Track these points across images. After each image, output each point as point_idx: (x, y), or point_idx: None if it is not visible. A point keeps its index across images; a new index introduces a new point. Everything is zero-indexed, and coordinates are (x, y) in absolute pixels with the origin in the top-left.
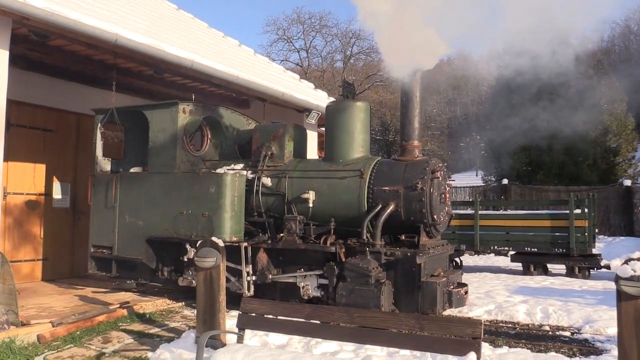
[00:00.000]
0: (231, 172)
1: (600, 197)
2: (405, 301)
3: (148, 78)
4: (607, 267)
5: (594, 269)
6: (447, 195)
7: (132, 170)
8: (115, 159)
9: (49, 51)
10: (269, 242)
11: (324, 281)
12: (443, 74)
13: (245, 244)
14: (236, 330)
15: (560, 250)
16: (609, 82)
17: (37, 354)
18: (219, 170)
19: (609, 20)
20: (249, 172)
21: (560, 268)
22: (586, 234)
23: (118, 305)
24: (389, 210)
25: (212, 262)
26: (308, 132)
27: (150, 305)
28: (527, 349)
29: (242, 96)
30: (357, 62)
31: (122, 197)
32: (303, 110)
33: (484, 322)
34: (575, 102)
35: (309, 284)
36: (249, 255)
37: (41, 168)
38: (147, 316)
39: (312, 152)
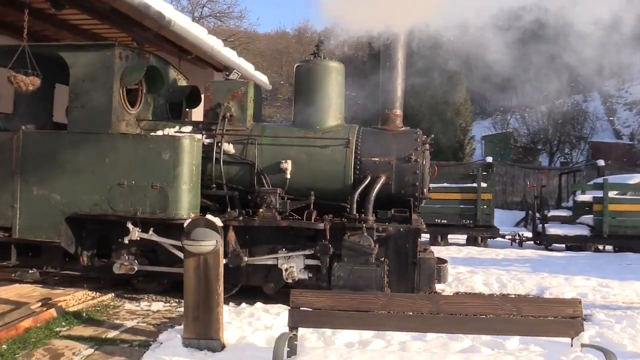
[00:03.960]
0: (188, 135)
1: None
2: (397, 279)
3: (32, 11)
4: (502, 236)
5: (492, 238)
6: (436, 168)
7: (24, 128)
8: (4, 113)
9: None
10: (240, 218)
11: (313, 262)
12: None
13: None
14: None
15: (468, 221)
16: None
17: None
18: (158, 132)
19: None
20: (204, 136)
21: (457, 238)
22: (489, 206)
23: (39, 304)
24: (380, 183)
25: (211, 246)
26: None
27: (73, 300)
28: None
29: (148, 45)
30: (206, 25)
31: (28, 162)
32: (223, 68)
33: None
34: (433, 82)
35: (293, 266)
36: None
37: None
38: (84, 315)
39: None
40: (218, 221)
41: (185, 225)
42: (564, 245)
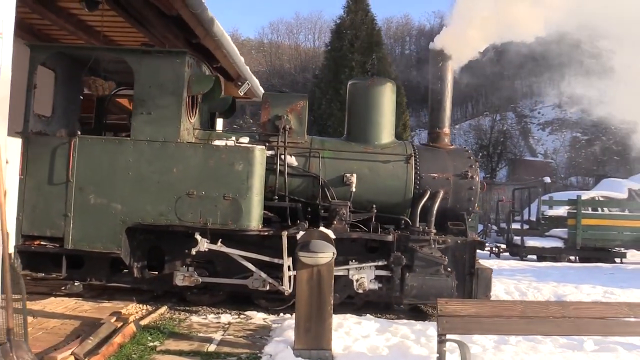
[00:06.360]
0: (257, 146)
1: None
2: (456, 288)
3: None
4: (482, 248)
5: None
6: (485, 184)
7: (58, 132)
8: (44, 116)
9: None
10: None
11: (382, 272)
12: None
13: (287, 233)
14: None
15: None
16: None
17: None
18: (217, 142)
19: None
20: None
21: None
22: (474, 219)
23: (115, 319)
24: (440, 197)
25: (327, 258)
26: None
27: (132, 313)
28: None
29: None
30: None
31: (85, 169)
32: (236, 78)
33: None
34: None
35: (364, 276)
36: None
37: None
38: (162, 329)
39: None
40: (331, 233)
41: (299, 237)
42: (535, 257)
